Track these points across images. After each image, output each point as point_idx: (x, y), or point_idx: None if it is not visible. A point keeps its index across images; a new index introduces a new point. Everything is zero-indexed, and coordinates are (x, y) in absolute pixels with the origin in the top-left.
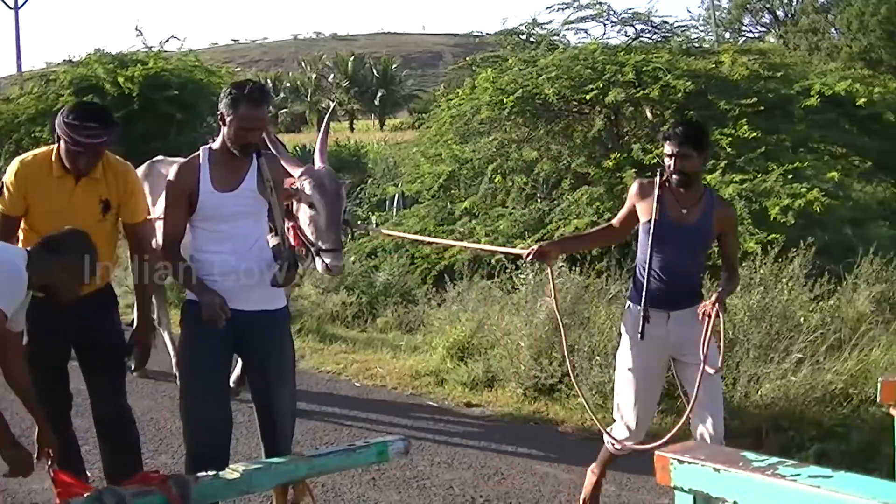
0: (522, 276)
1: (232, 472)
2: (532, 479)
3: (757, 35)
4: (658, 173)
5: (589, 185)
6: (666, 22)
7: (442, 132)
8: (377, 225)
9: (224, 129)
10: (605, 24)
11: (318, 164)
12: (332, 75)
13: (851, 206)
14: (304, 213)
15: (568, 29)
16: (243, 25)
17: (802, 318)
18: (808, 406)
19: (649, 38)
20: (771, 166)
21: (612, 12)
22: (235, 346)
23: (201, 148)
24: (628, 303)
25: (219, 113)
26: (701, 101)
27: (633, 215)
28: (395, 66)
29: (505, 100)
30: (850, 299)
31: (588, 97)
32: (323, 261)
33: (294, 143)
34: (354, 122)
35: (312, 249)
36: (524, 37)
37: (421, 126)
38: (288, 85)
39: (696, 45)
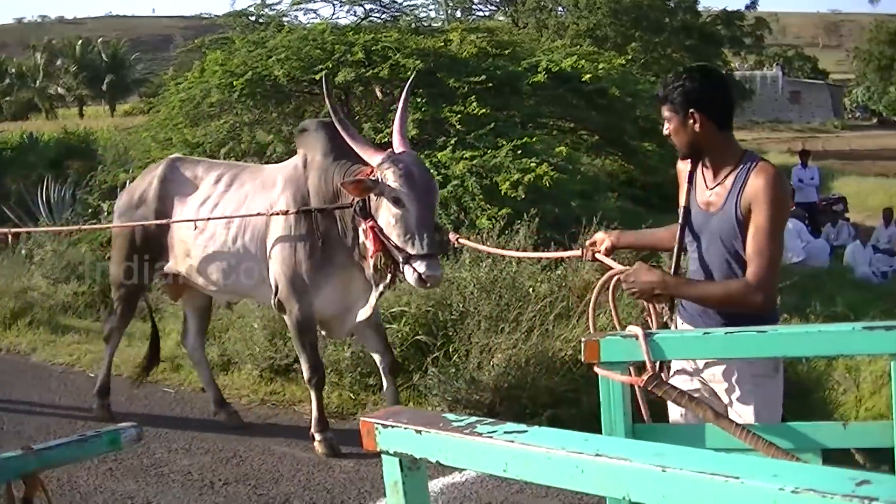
0: None
1: None
2: (271, 460)
3: (487, 14)
4: None
5: None
6: (395, 1)
7: (172, 116)
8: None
9: None
10: (334, 5)
11: (398, 147)
12: (59, 60)
13: (581, 180)
14: (386, 211)
15: (297, 10)
16: None
17: (531, 289)
18: (540, 374)
19: (379, 18)
20: (501, 142)
21: None
22: None
23: None
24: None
25: None
26: (430, 79)
27: None
28: (124, 49)
29: (235, 82)
30: (576, 269)
31: (318, 77)
32: (415, 270)
33: (21, 130)
34: (84, 108)
35: (400, 256)
36: (253, 18)
37: (151, 110)
38: (13, 71)
39: (426, 24)
